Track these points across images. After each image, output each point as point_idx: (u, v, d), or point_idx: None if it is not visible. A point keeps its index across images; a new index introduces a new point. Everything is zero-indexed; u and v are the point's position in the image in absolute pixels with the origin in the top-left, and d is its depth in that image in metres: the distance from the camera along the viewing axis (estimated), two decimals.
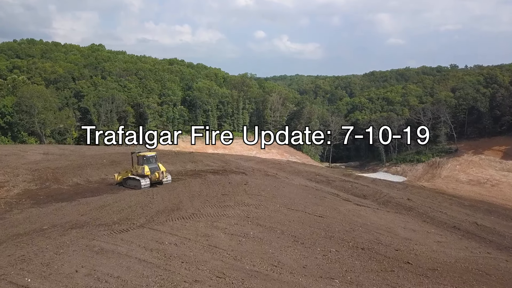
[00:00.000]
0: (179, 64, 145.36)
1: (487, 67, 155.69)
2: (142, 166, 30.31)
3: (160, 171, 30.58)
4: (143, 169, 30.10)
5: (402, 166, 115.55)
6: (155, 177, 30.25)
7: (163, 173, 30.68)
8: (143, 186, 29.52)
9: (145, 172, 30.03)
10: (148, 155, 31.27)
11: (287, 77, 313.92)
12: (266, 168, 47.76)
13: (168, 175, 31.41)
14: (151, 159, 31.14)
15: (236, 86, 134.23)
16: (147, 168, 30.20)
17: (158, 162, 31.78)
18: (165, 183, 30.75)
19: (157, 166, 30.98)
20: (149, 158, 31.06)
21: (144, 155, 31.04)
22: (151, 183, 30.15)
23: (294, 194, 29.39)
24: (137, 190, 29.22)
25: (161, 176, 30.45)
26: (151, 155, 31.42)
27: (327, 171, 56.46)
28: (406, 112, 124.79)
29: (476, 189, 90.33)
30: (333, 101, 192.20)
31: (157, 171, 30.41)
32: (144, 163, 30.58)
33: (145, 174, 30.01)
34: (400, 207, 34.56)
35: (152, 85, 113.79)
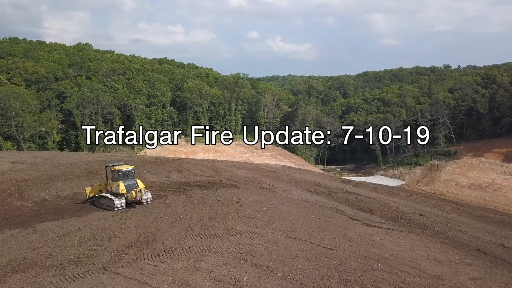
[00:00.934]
0: (169, 64, 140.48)
1: (484, 67, 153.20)
2: (117, 183, 25.63)
3: (138, 189, 25.85)
4: (118, 186, 25.44)
5: (400, 169, 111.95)
6: (132, 196, 25.57)
7: (141, 191, 25.93)
8: (118, 207, 24.92)
9: (120, 190, 25.34)
10: (124, 169, 26.41)
11: (280, 77, 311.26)
12: (261, 177, 43.35)
13: (148, 192, 26.65)
14: (128, 174, 26.43)
15: (228, 87, 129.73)
16: (123, 185, 25.50)
17: (137, 178, 27.10)
18: (144, 203, 26.08)
19: (135, 183, 26.27)
20: (126, 173, 26.33)
21: (120, 170, 26.24)
22: (127, 203, 25.59)
23: (294, 215, 25.01)
24: (110, 212, 24.62)
25: (139, 195, 25.73)
26: (127, 170, 26.58)
27: (325, 179, 52.24)
28: (403, 113, 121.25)
29: (478, 193, 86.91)
30: (327, 102, 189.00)
31: (134, 189, 25.70)
32: (120, 179, 25.89)
33: (120, 193, 25.39)
34: (413, 225, 30.39)
35: (140, 86, 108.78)
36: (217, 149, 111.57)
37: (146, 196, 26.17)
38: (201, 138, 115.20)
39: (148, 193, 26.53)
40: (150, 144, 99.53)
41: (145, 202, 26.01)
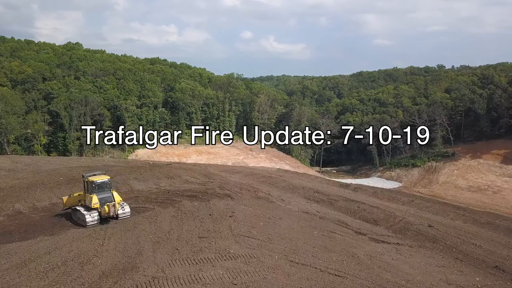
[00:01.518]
0: (161, 64, 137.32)
1: (479, 67, 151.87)
2: (91, 196, 22.94)
3: (112, 203, 22.87)
4: (91, 199, 22.73)
5: (397, 170, 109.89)
6: (105, 211, 22.75)
7: (115, 206, 22.91)
8: (89, 224, 22.19)
9: (92, 204, 22.62)
10: (97, 181, 23.58)
11: (274, 78, 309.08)
12: (256, 183, 40.77)
13: (125, 206, 23.69)
14: (102, 186, 23.62)
15: (222, 87, 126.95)
16: (96, 198, 22.76)
17: (113, 190, 24.23)
18: (122, 217, 23.30)
19: (111, 196, 23.47)
20: (100, 185, 23.53)
21: (93, 181, 23.48)
22: (101, 218, 22.79)
23: (295, 231, 22.44)
24: (86, 230, 21.86)
25: (112, 210, 22.76)
26: (102, 181, 23.70)
27: (323, 184, 49.78)
28: (400, 114, 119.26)
29: (478, 196, 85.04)
30: (321, 102, 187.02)
31: (108, 203, 22.82)
32: (93, 192, 23.17)
33: (92, 207, 22.64)
34: (422, 237, 27.99)
35: (131, 86, 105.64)
36: (210, 151, 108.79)
37: (124, 210, 23.28)
38: (199, 138, 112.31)
39: (126, 206, 23.59)
40: (150, 144, 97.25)
41: (122, 217, 23.22)
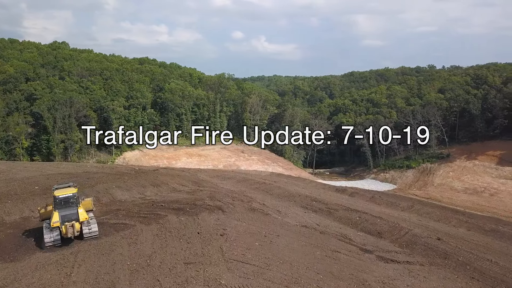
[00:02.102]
0: (150, 64, 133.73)
1: (472, 67, 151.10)
2: (54, 212, 20.08)
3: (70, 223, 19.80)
4: (52, 217, 19.89)
5: (391, 172, 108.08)
6: (64, 231, 19.73)
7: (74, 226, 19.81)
8: (48, 244, 19.38)
9: (52, 222, 19.73)
10: (60, 195, 20.65)
11: (265, 78, 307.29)
12: (249, 191, 38.06)
13: (92, 225, 20.61)
14: (67, 201, 20.68)
15: (213, 87, 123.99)
16: (57, 216, 19.89)
17: (80, 205, 21.20)
18: (88, 237, 20.40)
19: (76, 213, 20.48)
20: (64, 201, 20.62)
21: (56, 196, 20.61)
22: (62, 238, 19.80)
23: (295, 252, 19.76)
24: (53, 254, 18.87)
25: (70, 231, 19.68)
26: (65, 196, 20.72)
27: (319, 190, 47.28)
28: (394, 115, 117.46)
29: (474, 198, 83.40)
30: (313, 102, 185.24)
31: (68, 222, 19.77)
32: (57, 208, 20.30)
33: (52, 225, 19.68)
34: (432, 253, 25.52)
35: (118, 87, 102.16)
36: (200, 153, 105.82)
37: (90, 229, 20.27)
38: (184, 142, 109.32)
39: (93, 225, 20.59)
40: (150, 144, 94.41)
41: (89, 237, 20.30)
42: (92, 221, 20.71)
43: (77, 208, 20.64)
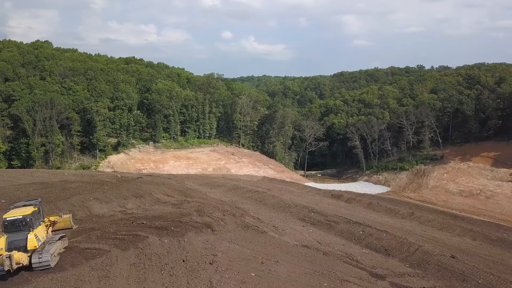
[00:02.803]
0: (137, 64, 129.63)
1: (463, 67, 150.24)
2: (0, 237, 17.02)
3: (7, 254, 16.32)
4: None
5: (384, 174, 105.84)
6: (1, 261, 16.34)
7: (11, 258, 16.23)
8: None
9: None
10: (8, 218, 17.48)
11: (254, 78, 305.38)
12: (241, 201, 34.98)
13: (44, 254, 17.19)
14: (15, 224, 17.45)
15: (202, 88, 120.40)
16: (3, 241, 16.83)
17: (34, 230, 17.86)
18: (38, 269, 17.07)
19: (24, 239, 17.17)
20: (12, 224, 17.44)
21: (4, 218, 17.51)
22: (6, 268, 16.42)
23: (298, 284, 16.71)
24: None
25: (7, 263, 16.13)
26: (14, 219, 17.50)
27: (315, 197, 44.40)
28: (387, 116, 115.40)
29: (470, 201, 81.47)
30: (303, 103, 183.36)
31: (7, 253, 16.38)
32: (4, 232, 17.30)
33: None
34: (448, 274, 22.79)
35: (103, 87, 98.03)
36: (189, 156, 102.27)
37: (40, 259, 16.95)
38: (172, 144, 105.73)
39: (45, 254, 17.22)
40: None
41: (39, 268, 17.03)
42: (45, 249, 17.34)
43: (27, 233, 17.28)
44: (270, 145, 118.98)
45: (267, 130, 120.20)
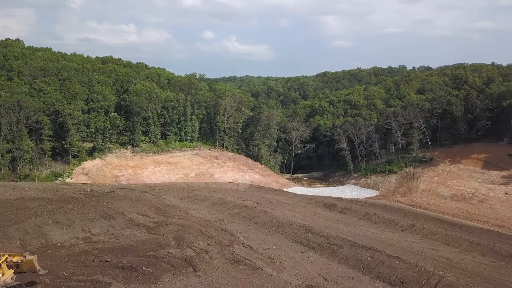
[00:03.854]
0: (115, 63, 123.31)
1: (447, 67, 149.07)
2: None
3: None
4: None
5: (372, 177, 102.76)
6: None
7: None
8: None
9: None
10: None
11: (237, 78, 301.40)
12: (228, 219, 30.50)
13: None
14: None
15: (183, 89, 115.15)
16: None
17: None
18: None
19: None
20: None
21: None
22: None
23: None
24: None
25: None
26: None
27: (308, 210, 40.27)
28: (374, 117, 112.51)
29: (462, 206, 78.89)
30: (287, 103, 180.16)
31: None
32: None
33: None
34: None
35: (76, 88, 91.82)
36: (170, 160, 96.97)
37: None
38: (152, 148, 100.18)
39: None
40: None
41: None
42: None
43: None
44: (255, 148, 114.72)
45: (252, 132, 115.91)
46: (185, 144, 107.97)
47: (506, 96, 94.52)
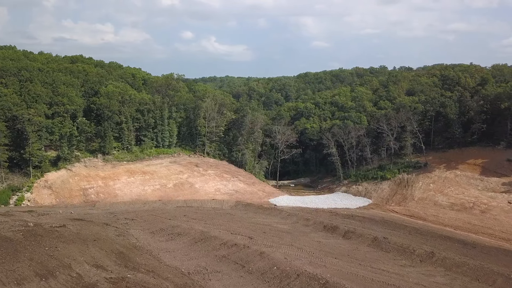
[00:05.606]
0: (85, 63, 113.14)
1: (434, 67, 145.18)
2: None
3: None
4: None
5: (364, 184, 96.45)
6: None
7: None
8: None
9: None
10: None
11: (217, 79, 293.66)
12: (214, 272, 22.72)
13: None
14: None
15: (160, 90, 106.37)
16: None
17: None
18: None
19: None
20: None
21: None
22: None
23: None
24: None
25: None
26: None
27: (319, 250, 32.95)
28: (365, 120, 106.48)
29: (464, 216, 73.13)
30: (269, 105, 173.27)
31: None
32: None
33: None
34: None
35: (38, 90, 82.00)
36: (145, 169, 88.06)
37: None
38: (125, 156, 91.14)
39: None
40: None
41: None
42: None
43: None
44: (238, 153, 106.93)
45: (235, 137, 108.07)
46: (163, 150, 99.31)
47: (503, 98, 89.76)
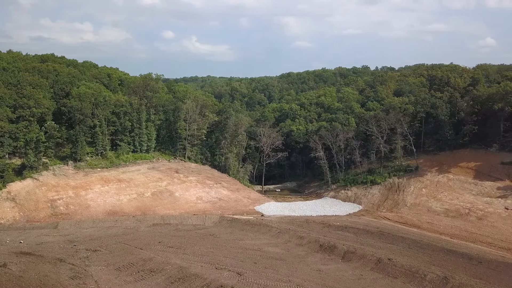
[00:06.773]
0: (56, 62, 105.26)
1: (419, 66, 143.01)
2: None
3: None
4: None
5: (353, 189, 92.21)
6: None
7: None
8: None
9: None
10: None
11: (198, 79, 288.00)
12: None
13: None
14: None
15: (137, 91, 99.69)
16: None
17: None
18: None
19: None
20: None
21: None
22: None
23: None
24: None
25: None
26: None
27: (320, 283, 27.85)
28: (353, 122, 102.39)
29: (460, 223, 69.48)
30: (252, 105, 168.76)
31: None
32: None
33: None
34: None
35: (1, 92, 74.56)
36: (121, 177, 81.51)
37: None
38: (99, 162, 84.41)
39: None
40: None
41: None
42: None
43: None
44: (221, 158, 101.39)
45: (218, 140, 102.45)
46: (140, 155, 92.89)
47: (496, 99, 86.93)
